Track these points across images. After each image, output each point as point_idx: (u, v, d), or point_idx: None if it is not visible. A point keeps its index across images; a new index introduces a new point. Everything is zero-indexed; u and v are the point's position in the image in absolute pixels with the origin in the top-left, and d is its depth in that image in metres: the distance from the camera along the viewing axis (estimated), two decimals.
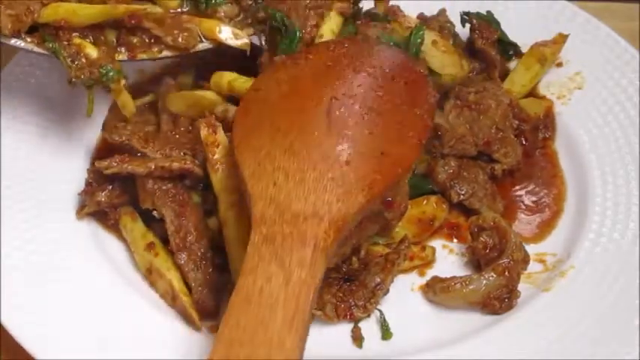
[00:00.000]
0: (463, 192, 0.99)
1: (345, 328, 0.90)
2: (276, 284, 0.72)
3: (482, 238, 0.94)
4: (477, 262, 0.95)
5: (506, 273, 0.90)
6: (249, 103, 0.90)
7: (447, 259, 0.97)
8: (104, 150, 1.02)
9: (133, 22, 0.93)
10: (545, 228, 1.00)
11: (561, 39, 1.12)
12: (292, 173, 0.80)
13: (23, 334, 0.84)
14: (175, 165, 0.93)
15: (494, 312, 0.90)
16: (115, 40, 0.94)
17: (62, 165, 1.01)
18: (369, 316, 0.91)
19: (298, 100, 0.88)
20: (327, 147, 0.82)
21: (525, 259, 0.93)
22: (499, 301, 0.90)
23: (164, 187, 0.93)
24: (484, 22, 1.11)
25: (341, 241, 0.79)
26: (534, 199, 1.03)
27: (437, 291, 0.91)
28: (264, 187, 0.79)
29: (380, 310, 0.91)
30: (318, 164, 0.81)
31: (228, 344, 0.69)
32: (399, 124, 0.86)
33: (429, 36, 1.01)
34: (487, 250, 0.93)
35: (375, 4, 1.10)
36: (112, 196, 0.96)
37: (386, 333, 0.90)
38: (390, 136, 0.85)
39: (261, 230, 0.76)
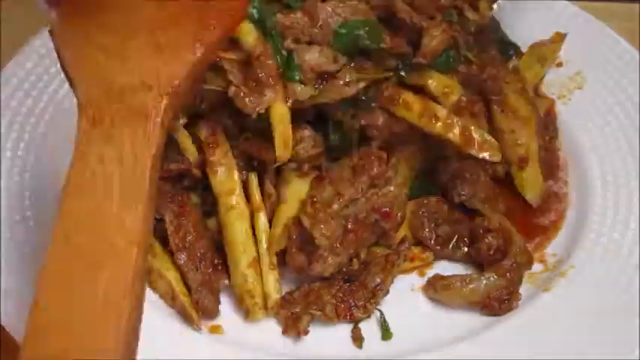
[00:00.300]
0: (464, 193, 0.99)
1: (345, 328, 0.90)
2: (109, 164, 0.68)
3: (487, 240, 0.94)
4: (480, 264, 0.95)
5: (508, 275, 0.90)
6: None
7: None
8: None
9: None
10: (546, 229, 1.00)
11: (559, 38, 1.12)
12: (113, 48, 0.75)
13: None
14: (173, 165, 0.93)
15: (494, 313, 0.90)
16: None
17: (62, 165, 1.01)
18: (369, 316, 0.91)
19: None
20: (146, 12, 0.78)
21: (529, 262, 0.93)
22: (499, 302, 0.89)
23: (163, 188, 0.93)
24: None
25: (177, 106, 0.76)
26: None
27: (437, 288, 0.91)
28: (86, 69, 0.74)
29: (380, 310, 0.91)
30: (138, 32, 0.76)
31: (63, 239, 0.67)
32: None
33: None
34: (491, 252, 0.93)
35: None
36: None
37: (386, 333, 0.90)
38: None
39: (88, 113, 0.72)
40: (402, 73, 0.92)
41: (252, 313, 0.89)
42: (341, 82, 0.89)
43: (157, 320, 0.88)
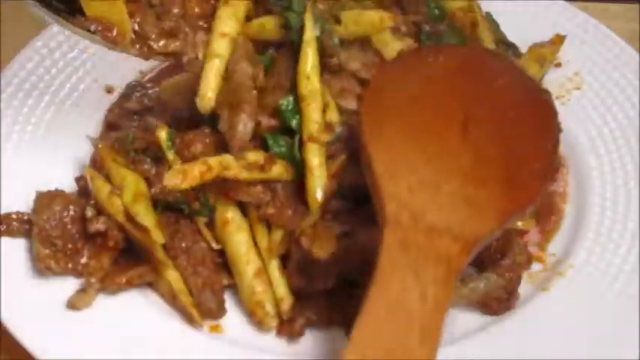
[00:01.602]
0: None
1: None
2: (413, 298, 0.69)
3: None
4: (479, 264, 0.95)
5: (507, 274, 0.90)
6: (377, 93, 0.86)
7: None
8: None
9: None
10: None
11: (559, 39, 1.12)
12: (427, 181, 0.77)
13: (23, 334, 0.84)
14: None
15: (493, 312, 0.90)
16: None
17: (62, 165, 1.01)
18: None
19: (431, 103, 0.84)
20: (462, 161, 0.79)
21: (528, 261, 0.93)
22: (498, 302, 0.89)
23: None
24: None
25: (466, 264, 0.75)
26: None
27: None
28: (397, 189, 0.76)
29: None
30: (452, 177, 0.77)
31: (362, 348, 0.67)
32: (527, 152, 0.83)
33: None
34: (491, 251, 0.93)
35: None
36: None
37: None
38: (520, 163, 0.82)
39: (396, 234, 0.73)
40: None
41: (265, 324, 0.88)
42: None
43: (157, 320, 0.88)
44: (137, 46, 0.90)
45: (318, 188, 0.87)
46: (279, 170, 0.89)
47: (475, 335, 0.87)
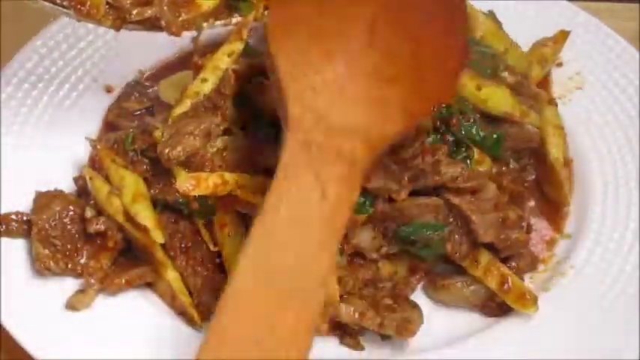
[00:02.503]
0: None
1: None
2: (313, 197, 0.68)
3: None
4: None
5: None
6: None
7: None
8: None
9: None
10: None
11: (562, 37, 1.12)
12: (331, 81, 0.75)
13: (23, 334, 0.84)
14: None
15: (494, 313, 0.90)
16: None
17: (62, 164, 1.01)
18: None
19: (338, 5, 0.81)
20: (368, 62, 0.77)
21: (534, 263, 0.93)
22: (499, 304, 0.89)
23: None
24: None
25: (374, 163, 0.75)
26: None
27: (438, 289, 0.91)
28: (301, 89, 0.74)
29: None
30: (358, 78, 0.76)
31: (252, 265, 0.66)
32: (439, 50, 0.81)
33: None
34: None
35: None
36: None
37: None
38: (431, 62, 0.80)
39: (298, 136, 0.71)
40: None
41: None
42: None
43: (158, 320, 0.88)
44: (111, 17, 0.90)
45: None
46: None
47: (476, 336, 0.87)
